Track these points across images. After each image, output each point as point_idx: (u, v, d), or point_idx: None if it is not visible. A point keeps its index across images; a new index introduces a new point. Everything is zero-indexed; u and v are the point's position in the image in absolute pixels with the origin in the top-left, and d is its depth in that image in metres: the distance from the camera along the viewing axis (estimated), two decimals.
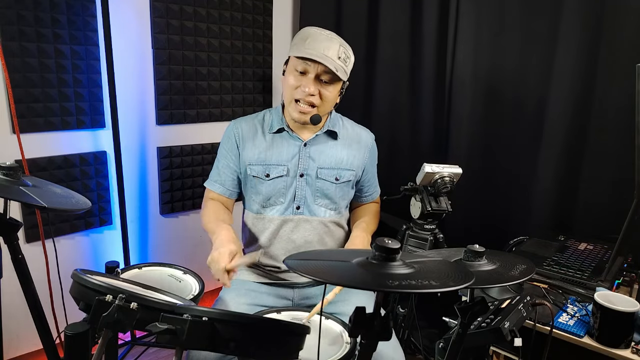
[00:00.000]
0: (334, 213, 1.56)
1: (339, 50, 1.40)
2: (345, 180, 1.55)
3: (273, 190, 1.51)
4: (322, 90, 1.41)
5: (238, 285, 1.52)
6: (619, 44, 1.75)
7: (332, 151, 1.53)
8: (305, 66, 1.40)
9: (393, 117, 2.47)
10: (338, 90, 1.46)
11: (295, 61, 1.41)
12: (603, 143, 1.84)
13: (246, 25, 2.55)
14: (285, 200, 1.51)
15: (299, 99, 1.42)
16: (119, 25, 2.11)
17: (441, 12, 2.21)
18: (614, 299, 1.22)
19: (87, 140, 2.12)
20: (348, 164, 1.55)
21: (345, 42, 1.44)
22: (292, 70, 1.43)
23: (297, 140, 1.52)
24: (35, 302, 1.31)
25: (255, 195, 1.54)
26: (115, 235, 2.28)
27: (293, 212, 1.52)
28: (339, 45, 1.40)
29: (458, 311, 0.98)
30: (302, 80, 1.41)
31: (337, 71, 1.38)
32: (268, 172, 1.50)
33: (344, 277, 0.82)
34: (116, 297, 0.87)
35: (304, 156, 1.51)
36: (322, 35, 1.41)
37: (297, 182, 1.51)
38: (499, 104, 2.11)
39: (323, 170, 1.52)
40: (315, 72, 1.39)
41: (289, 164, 1.51)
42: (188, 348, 0.94)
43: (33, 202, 1.15)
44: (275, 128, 1.52)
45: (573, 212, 1.95)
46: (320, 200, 1.53)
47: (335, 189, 1.53)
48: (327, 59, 1.37)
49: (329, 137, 1.55)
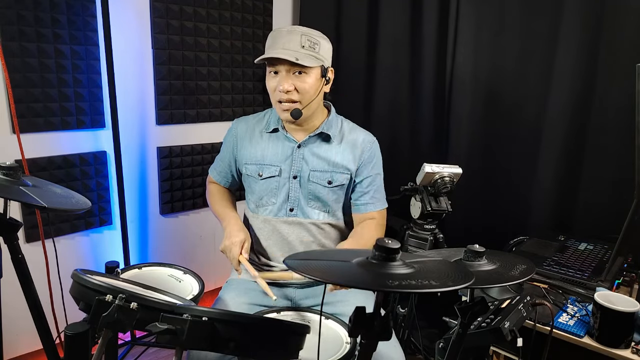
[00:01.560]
0: (328, 216, 1.54)
1: (302, 40, 1.39)
2: (339, 184, 1.51)
3: (265, 190, 1.52)
4: (297, 83, 1.40)
5: (237, 285, 1.52)
6: (619, 44, 1.75)
7: (325, 154, 1.51)
8: (274, 66, 1.42)
9: (393, 117, 2.47)
10: (315, 78, 1.42)
11: (267, 66, 1.44)
12: (603, 143, 1.84)
13: (246, 26, 2.55)
14: (277, 201, 1.51)
15: (280, 100, 1.43)
16: (119, 25, 2.11)
17: (441, 12, 2.21)
18: (614, 299, 1.22)
19: (87, 140, 2.12)
20: (342, 168, 1.51)
21: (312, 30, 1.43)
22: (268, 74, 1.45)
23: (292, 142, 1.51)
24: (35, 302, 1.31)
25: (250, 194, 1.57)
26: (115, 235, 2.28)
27: (286, 214, 1.51)
28: (300, 34, 1.39)
29: (458, 311, 0.98)
30: (276, 80, 1.42)
31: (299, 60, 1.36)
32: (261, 172, 1.52)
33: (344, 277, 0.82)
34: (116, 297, 0.87)
35: (297, 158, 1.50)
36: (283, 31, 1.41)
37: (290, 184, 1.50)
38: (499, 104, 2.11)
39: (315, 173, 1.50)
40: (284, 69, 1.39)
41: (283, 164, 1.51)
42: (188, 348, 0.94)
43: (33, 202, 1.15)
44: (270, 128, 1.53)
45: (573, 212, 1.95)
46: (313, 202, 1.51)
47: (328, 192, 1.51)
48: (286, 52, 1.37)
49: (321, 139, 1.52)
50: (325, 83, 1.48)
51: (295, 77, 1.40)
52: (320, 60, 1.42)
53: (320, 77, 1.44)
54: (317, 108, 1.50)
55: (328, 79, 1.48)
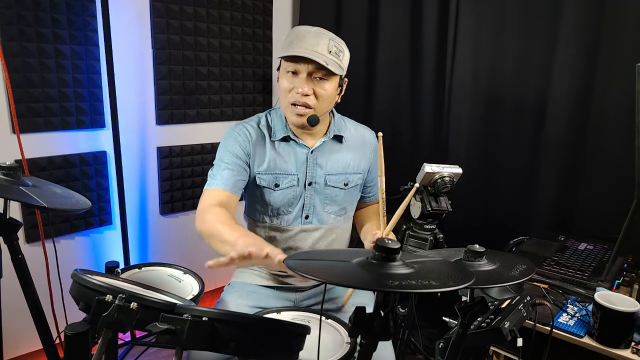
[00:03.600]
0: (342, 219, 1.53)
1: (329, 45, 1.33)
2: (354, 184, 1.51)
3: (283, 200, 1.44)
4: (317, 89, 1.34)
5: (240, 288, 1.51)
6: (619, 44, 1.75)
7: (338, 156, 1.49)
8: (295, 66, 1.33)
9: (393, 117, 2.47)
10: (334, 87, 1.37)
11: (286, 63, 1.35)
12: (603, 143, 1.84)
13: (246, 25, 2.55)
14: (293, 210, 1.46)
15: (294, 102, 1.36)
16: (119, 25, 2.11)
17: (441, 12, 2.21)
18: (614, 299, 1.22)
19: (87, 140, 2.12)
20: (355, 168, 1.51)
21: (337, 37, 1.37)
22: (284, 73, 1.37)
23: (304, 148, 1.45)
24: (35, 302, 1.31)
25: (260, 205, 1.46)
26: (115, 235, 2.28)
27: (302, 222, 1.47)
28: (328, 39, 1.34)
29: (458, 311, 0.98)
30: (294, 82, 1.34)
31: (327, 64, 1.30)
32: (277, 182, 1.43)
33: (344, 277, 0.82)
34: (116, 297, 0.87)
35: (311, 164, 1.46)
36: (310, 32, 1.34)
37: (306, 191, 1.46)
38: (499, 104, 2.11)
39: (331, 177, 1.47)
40: (307, 71, 1.32)
41: (298, 173, 1.45)
42: (188, 348, 0.94)
43: (33, 202, 1.15)
44: (279, 136, 1.44)
45: (573, 212, 1.95)
46: (330, 207, 1.49)
47: (345, 194, 1.50)
48: (316, 55, 1.29)
49: (335, 141, 1.50)
50: (339, 93, 1.43)
51: (316, 82, 1.34)
52: (342, 70, 1.37)
53: (337, 86, 1.40)
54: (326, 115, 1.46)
55: (342, 89, 1.43)
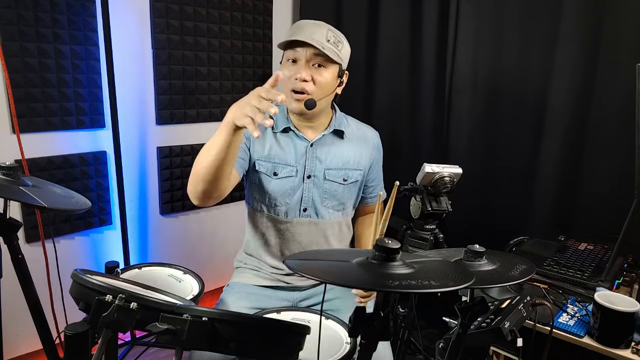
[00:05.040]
0: (341, 215, 1.54)
1: (327, 34, 1.38)
2: (353, 180, 1.52)
3: (279, 190, 1.47)
4: (315, 75, 1.38)
5: (239, 289, 1.51)
6: (619, 44, 1.75)
7: (339, 151, 1.50)
8: (294, 53, 1.38)
9: (393, 117, 2.47)
10: (333, 75, 1.41)
11: (286, 53, 1.41)
12: (603, 143, 1.84)
13: (246, 25, 2.55)
14: (291, 202, 1.48)
15: (294, 89, 1.39)
16: (119, 25, 2.11)
17: (441, 11, 2.21)
18: (614, 299, 1.22)
19: (87, 140, 2.12)
20: (355, 164, 1.52)
21: (336, 30, 1.42)
22: (285, 63, 1.42)
23: (304, 141, 1.47)
24: (35, 302, 1.31)
25: (258, 193, 1.49)
26: (115, 235, 2.28)
27: (300, 215, 1.49)
28: (327, 29, 1.39)
29: (458, 311, 0.98)
30: (294, 69, 1.39)
31: (324, 49, 1.35)
32: (275, 171, 1.46)
33: (344, 277, 0.82)
34: (116, 297, 0.87)
35: (310, 157, 1.47)
36: (309, 23, 1.40)
37: (304, 184, 1.48)
38: (499, 104, 2.11)
39: (330, 172, 1.49)
40: (305, 57, 1.37)
41: (297, 164, 1.47)
42: (188, 348, 0.94)
43: (33, 202, 1.15)
44: (280, 127, 1.47)
45: (573, 212, 1.95)
46: (328, 202, 1.50)
47: (344, 190, 1.51)
48: (313, 41, 1.35)
49: (335, 136, 1.52)
50: (339, 85, 1.46)
51: (314, 69, 1.39)
52: (340, 59, 1.41)
53: (337, 76, 1.43)
54: (326, 107, 1.49)
55: (342, 81, 1.47)
